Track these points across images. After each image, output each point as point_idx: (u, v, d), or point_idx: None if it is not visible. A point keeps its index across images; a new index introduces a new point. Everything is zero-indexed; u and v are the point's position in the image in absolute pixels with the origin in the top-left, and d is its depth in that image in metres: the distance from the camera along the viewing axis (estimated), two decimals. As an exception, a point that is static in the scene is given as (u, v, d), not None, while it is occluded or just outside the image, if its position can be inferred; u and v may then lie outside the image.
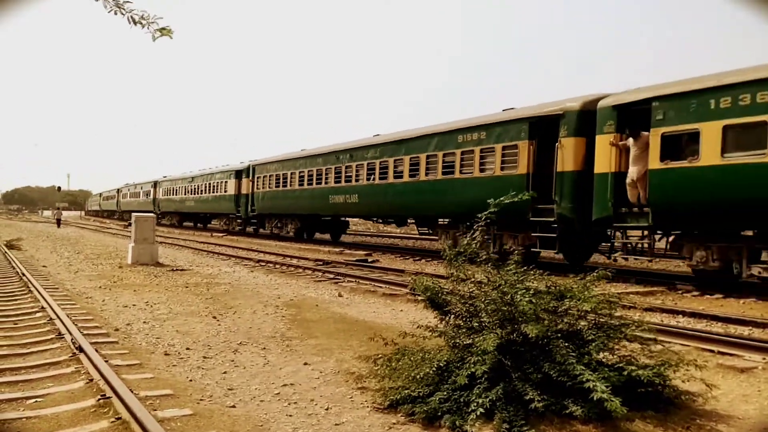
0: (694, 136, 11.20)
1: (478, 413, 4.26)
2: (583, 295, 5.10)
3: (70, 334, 6.88)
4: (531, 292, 5.04)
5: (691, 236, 12.28)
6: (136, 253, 16.59)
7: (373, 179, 21.20)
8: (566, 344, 4.65)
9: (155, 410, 4.55)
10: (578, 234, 14.14)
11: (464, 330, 5.20)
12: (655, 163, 11.80)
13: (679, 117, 11.49)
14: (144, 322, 8.25)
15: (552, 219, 13.99)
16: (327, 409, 4.78)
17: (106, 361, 5.73)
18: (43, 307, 8.96)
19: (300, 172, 26.73)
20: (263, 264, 17.16)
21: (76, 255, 19.46)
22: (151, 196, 51.96)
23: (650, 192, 11.94)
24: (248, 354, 6.59)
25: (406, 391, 4.73)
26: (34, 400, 4.91)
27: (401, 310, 9.68)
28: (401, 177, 19.69)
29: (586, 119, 13.53)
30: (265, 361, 6.28)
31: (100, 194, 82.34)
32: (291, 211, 28.28)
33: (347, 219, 28.23)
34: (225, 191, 36.41)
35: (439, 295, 5.49)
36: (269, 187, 29.85)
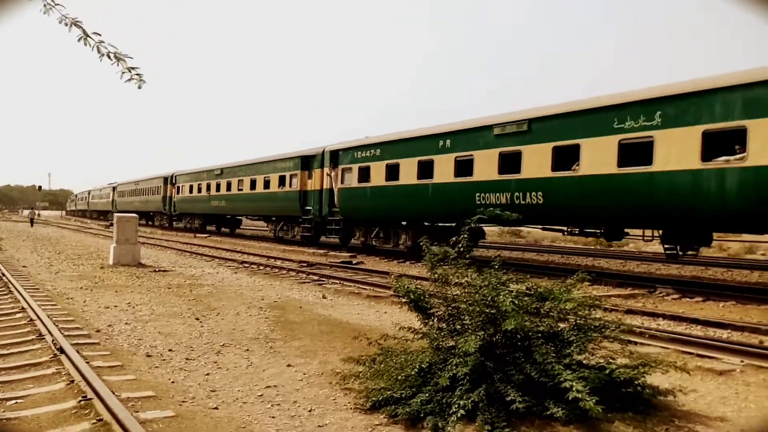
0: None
1: (459, 415, 4.30)
2: (563, 296, 5.17)
3: (51, 335, 6.82)
4: (514, 293, 5.09)
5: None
6: (118, 254, 16.46)
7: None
8: (547, 345, 4.71)
9: (137, 412, 4.54)
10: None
11: (447, 332, 5.24)
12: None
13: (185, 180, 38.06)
14: (126, 324, 8.19)
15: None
16: (310, 411, 4.79)
17: (88, 363, 5.70)
18: (23, 308, 8.86)
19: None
20: (247, 265, 17.10)
21: (56, 255, 19.25)
22: (86, 201, 74.85)
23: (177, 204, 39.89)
24: (231, 356, 6.57)
25: (389, 393, 4.76)
26: (14, 401, 4.87)
27: (385, 312, 9.70)
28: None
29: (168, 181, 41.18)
30: (249, 363, 6.26)
31: (69, 197, 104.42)
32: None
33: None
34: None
35: (422, 297, 5.52)
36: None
